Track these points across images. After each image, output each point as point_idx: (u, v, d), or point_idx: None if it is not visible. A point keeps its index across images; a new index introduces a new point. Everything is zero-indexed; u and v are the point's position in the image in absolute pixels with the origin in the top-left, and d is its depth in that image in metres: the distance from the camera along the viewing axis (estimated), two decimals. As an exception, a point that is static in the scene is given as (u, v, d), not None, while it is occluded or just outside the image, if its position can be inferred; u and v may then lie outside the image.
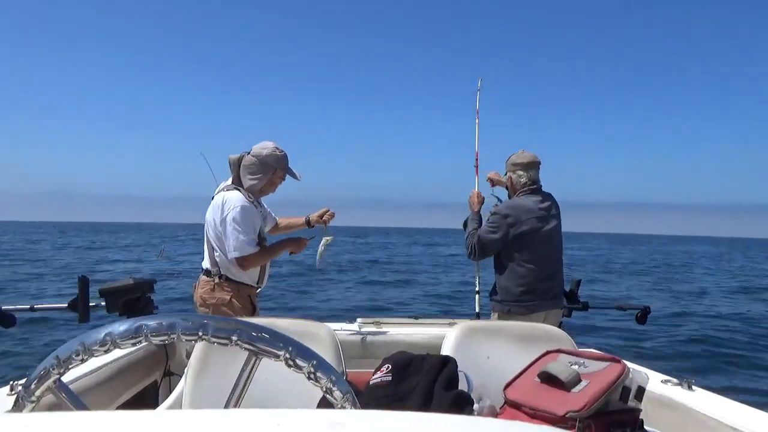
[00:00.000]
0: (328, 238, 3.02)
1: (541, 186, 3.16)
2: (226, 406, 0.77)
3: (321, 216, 3.14)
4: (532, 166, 3.14)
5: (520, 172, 3.13)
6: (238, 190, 2.85)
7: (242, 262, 2.79)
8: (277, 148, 2.89)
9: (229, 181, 2.93)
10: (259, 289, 2.99)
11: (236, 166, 2.88)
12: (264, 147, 2.87)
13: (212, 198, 2.92)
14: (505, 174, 3.22)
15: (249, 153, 2.87)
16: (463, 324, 2.02)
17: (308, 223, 3.21)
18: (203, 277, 2.90)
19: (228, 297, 2.80)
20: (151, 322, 0.74)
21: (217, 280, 2.82)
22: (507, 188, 3.24)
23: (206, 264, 2.90)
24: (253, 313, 2.89)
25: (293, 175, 2.98)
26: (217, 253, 2.84)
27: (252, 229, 2.79)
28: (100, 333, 0.75)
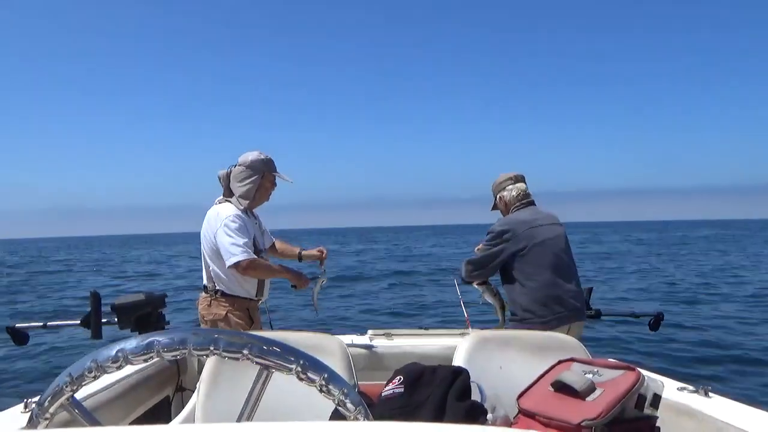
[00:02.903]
0: (323, 279, 3.04)
1: (533, 199, 3.11)
2: (239, 420, 0.77)
3: (315, 254, 3.16)
4: (520, 179, 3.14)
5: (510, 186, 3.10)
6: (229, 202, 2.87)
7: (239, 268, 2.74)
8: (261, 153, 2.90)
9: (221, 196, 2.94)
10: (260, 302, 2.98)
11: (225, 179, 2.90)
12: (249, 155, 2.89)
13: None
14: (495, 199, 3.17)
15: (236, 165, 2.89)
16: (474, 334, 2.01)
17: (299, 257, 3.21)
18: (202, 294, 2.91)
19: (224, 312, 2.79)
20: (163, 338, 0.74)
21: (213, 295, 2.83)
22: (501, 211, 3.17)
23: (204, 280, 2.91)
24: (251, 327, 2.88)
25: (283, 178, 2.97)
26: (212, 268, 2.84)
27: (245, 235, 2.77)
28: (113, 349, 0.75)
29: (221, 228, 2.74)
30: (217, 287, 2.83)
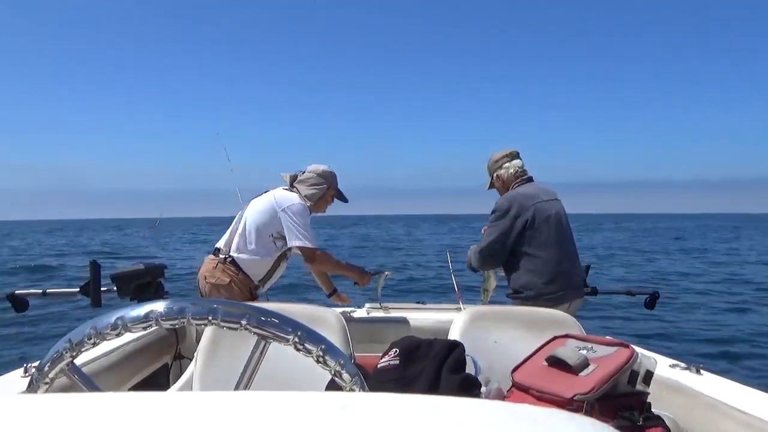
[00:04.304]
0: (387, 273, 3.14)
1: (531, 176, 3.05)
2: (236, 389, 0.78)
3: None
4: (515, 155, 3.08)
5: (507, 164, 3.04)
6: (297, 194, 2.95)
7: (313, 255, 2.89)
8: (330, 168, 3.07)
9: (287, 185, 3.03)
10: (259, 289, 3.00)
11: (291, 179, 3.01)
12: (320, 166, 3.06)
13: (264, 192, 3.03)
14: (491, 177, 3.12)
15: (304, 172, 3.03)
16: (471, 309, 2.02)
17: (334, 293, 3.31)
18: (209, 256, 2.94)
19: (228, 280, 2.82)
20: (162, 307, 0.75)
21: (223, 261, 2.85)
22: (498, 190, 3.12)
23: (220, 244, 2.94)
24: (252, 300, 2.91)
25: (342, 197, 3.12)
26: (240, 233, 2.87)
27: (310, 227, 2.90)
28: (112, 317, 0.76)
29: (290, 212, 2.84)
30: (232, 254, 2.85)
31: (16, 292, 2.57)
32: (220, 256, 2.87)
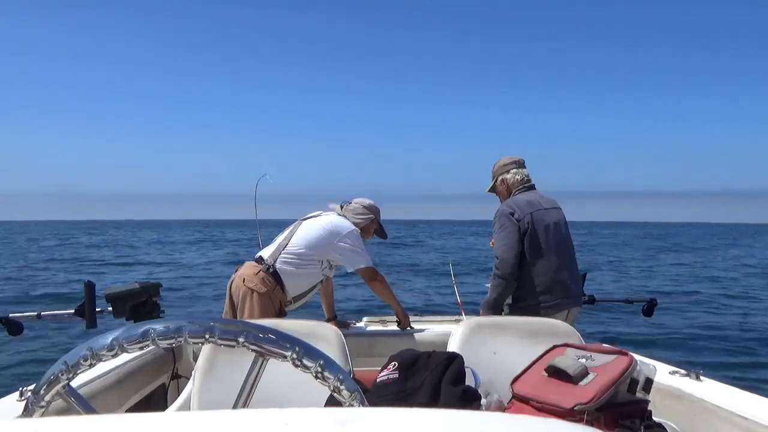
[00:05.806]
0: None
1: (534, 184, 3.06)
2: (235, 407, 0.77)
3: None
4: (522, 164, 3.09)
5: (514, 170, 3.05)
6: (348, 221, 3.04)
7: (369, 273, 2.97)
8: (374, 202, 3.20)
9: (339, 212, 3.11)
10: (289, 306, 3.00)
11: (338, 209, 3.13)
12: (366, 199, 3.22)
13: (313, 214, 3.10)
14: (494, 181, 3.12)
15: (350, 203, 3.15)
16: (469, 320, 2.02)
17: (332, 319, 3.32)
18: (250, 262, 2.96)
19: (265, 290, 2.82)
20: (158, 326, 0.74)
21: (266, 270, 2.86)
22: (499, 195, 3.13)
23: (264, 254, 2.96)
24: (278, 315, 2.90)
25: (382, 232, 3.23)
26: (286, 254, 2.89)
27: (365, 251, 2.99)
28: (108, 338, 0.75)
29: (353, 234, 2.95)
30: (277, 266, 2.86)
31: (10, 315, 2.54)
32: (263, 264, 2.87)
